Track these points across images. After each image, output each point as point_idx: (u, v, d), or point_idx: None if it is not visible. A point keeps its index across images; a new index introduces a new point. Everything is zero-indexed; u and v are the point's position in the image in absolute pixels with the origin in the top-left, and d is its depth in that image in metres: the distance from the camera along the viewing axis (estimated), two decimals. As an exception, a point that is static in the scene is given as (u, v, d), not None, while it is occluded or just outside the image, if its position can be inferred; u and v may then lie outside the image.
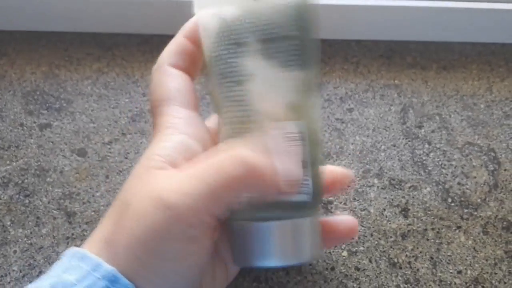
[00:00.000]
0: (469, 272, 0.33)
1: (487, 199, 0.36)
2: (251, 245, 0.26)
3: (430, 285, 0.32)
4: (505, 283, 0.32)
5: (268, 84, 0.25)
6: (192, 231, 0.23)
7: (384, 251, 0.33)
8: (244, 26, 0.26)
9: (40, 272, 0.33)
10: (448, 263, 0.33)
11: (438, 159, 0.37)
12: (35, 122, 0.39)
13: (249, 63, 0.26)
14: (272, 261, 0.26)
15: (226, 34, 0.26)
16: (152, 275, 0.23)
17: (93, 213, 0.35)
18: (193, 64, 0.29)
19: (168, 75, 0.27)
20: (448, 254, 0.33)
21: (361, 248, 0.34)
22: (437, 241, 0.34)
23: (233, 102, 0.26)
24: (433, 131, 0.39)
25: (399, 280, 0.32)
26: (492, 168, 0.37)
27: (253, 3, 0.26)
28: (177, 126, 0.25)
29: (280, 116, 0.25)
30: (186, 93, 0.27)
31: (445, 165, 0.37)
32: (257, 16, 0.26)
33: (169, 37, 0.43)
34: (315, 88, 0.27)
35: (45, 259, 0.33)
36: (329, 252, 0.33)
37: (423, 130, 0.39)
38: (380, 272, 0.33)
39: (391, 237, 0.34)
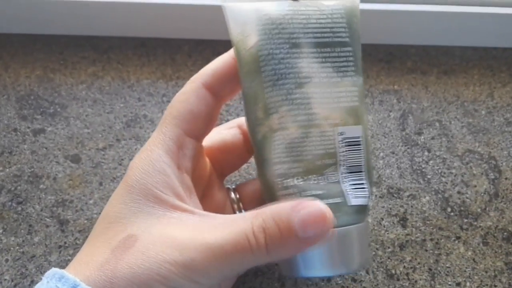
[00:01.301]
0: (468, 284, 0.32)
1: (487, 208, 0.35)
2: (306, 255, 0.26)
3: (428, 297, 0.32)
4: (504, 295, 0.32)
5: (327, 88, 0.26)
6: (193, 286, 0.23)
7: (381, 262, 0.33)
8: (294, 26, 0.26)
9: (32, 282, 0.32)
10: (447, 274, 0.32)
11: (438, 167, 0.37)
12: (29, 127, 0.38)
13: (305, 65, 0.26)
14: (322, 271, 0.26)
15: (275, 32, 0.26)
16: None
17: (86, 221, 0.34)
18: (231, 90, 0.28)
19: (195, 96, 0.27)
20: (447, 265, 0.33)
21: (358, 258, 0.33)
22: (435, 252, 0.33)
23: (294, 105, 0.25)
24: (433, 138, 0.38)
25: (397, 291, 0.32)
26: (492, 177, 0.36)
27: (292, 2, 0.26)
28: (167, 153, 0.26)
29: (339, 121, 0.26)
30: (199, 120, 0.27)
31: (444, 173, 0.36)
32: (305, 17, 0.26)
33: (165, 40, 0.43)
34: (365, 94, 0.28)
35: (37, 268, 0.33)
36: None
37: (422, 137, 0.38)
38: (377, 284, 0.32)
39: (388, 247, 0.33)
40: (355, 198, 0.26)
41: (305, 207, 0.23)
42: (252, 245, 0.23)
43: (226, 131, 0.31)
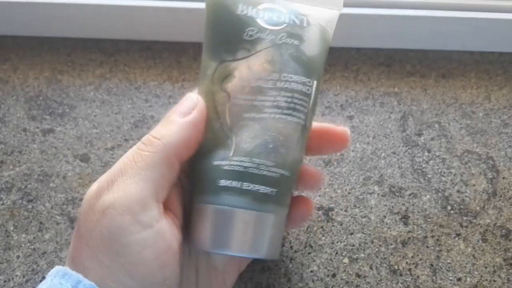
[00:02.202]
0: (468, 279, 0.33)
1: (486, 207, 0.36)
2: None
3: (430, 292, 0.33)
4: (503, 290, 0.33)
5: None
6: (141, 219, 0.23)
7: (384, 258, 0.34)
8: None
9: (43, 278, 0.33)
10: (447, 270, 0.33)
11: (438, 167, 0.38)
12: (38, 127, 0.39)
13: None
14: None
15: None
16: (120, 276, 0.23)
17: (96, 218, 0.35)
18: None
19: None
20: (448, 261, 0.34)
21: (362, 255, 0.34)
22: (437, 248, 0.34)
23: None
24: (432, 139, 0.39)
25: (400, 287, 0.33)
26: (490, 176, 0.37)
27: None
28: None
29: None
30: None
31: (444, 172, 0.38)
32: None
33: (171, 43, 0.44)
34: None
35: (48, 264, 0.33)
36: (330, 259, 0.34)
37: (422, 138, 0.39)
38: (381, 279, 0.33)
39: (391, 244, 0.34)
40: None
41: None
42: (139, 145, 0.26)
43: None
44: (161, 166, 0.24)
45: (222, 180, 0.26)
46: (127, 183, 0.24)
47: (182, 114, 0.26)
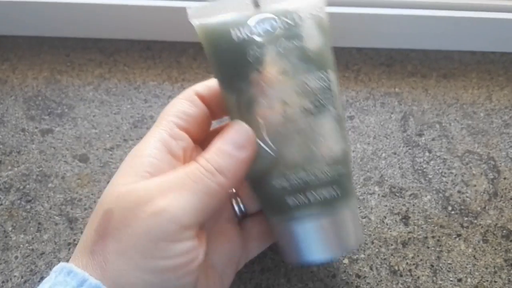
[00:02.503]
0: (469, 280, 0.33)
1: (486, 207, 0.36)
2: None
3: (430, 293, 0.32)
4: (505, 291, 0.32)
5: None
6: (181, 230, 0.24)
7: (384, 259, 0.34)
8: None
9: (42, 278, 0.33)
10: (448, 271, 0.33)
11: (438, 167, 0.38)
12: (36, 128, 0.39)
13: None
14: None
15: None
16: (145, 275, 0.23)
17: (94, 219, 0.35)
18: (221, 105, 0.29)
19: (187, 99, 0.29)
20: (448, 262, 0.34)
21: (362, 255, 0.34)
22: (437, 249, 0.34)
23: None
24: (433, 139, 0.39)
25: (400, 287, 0.33)
26: (491, 177, 0.37)
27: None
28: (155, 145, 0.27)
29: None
30: (192, 119, 0.28)
31: (445, 173, 0.37)
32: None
33: (171, 43, 0.43)
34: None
35: (47, 265, 0.33)
36: (330, 260, 0.34)
37: (423, 138, 0.39)
38: (381, 280, 0.33)
39: (391, 244, 0.34)
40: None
41: (222, 131, 0.27)
42: (201, 171, 0.25)
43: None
44: (216, 198, 0.26)
45: (287, 198, 0.27)
46: (184, 198, 0.24)
47: (238, 147, 0.26)
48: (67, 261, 0.33)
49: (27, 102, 0.40)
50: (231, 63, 0.27)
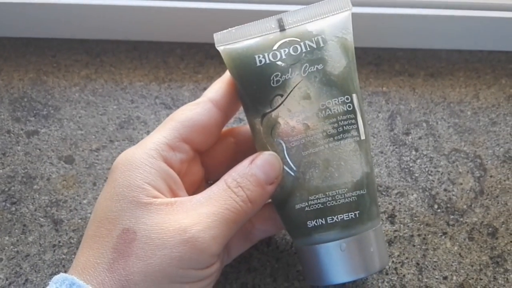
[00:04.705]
0: (454, 278, 0.33)
1: (473, 205, 0.36)
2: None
3: (416, 291, 0.32)
4: (490, 289, 0.33)
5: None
6: (210, 259, 0.25)
7: (371, 258, 0.34)
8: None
9: (27, 280, 0.32)
10: (434, 269, 0.33)
11: (425, 166, 0.38)
12: (22, 129, 0.39)
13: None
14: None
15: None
16: None
17: (80, 220, 0.35)
18: (234, 103, 0.29)
19: (199, 107, 0.28)
20: (434, 260, 0.34)
21: (348, 254, 0.34)
22: (423, 247, 0.34)
23: None
24: (420, 138, 0.39)
25: (386, 286, 0.33)
26: (478, 175, 0.37)
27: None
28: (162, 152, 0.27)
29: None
30: (199, 129, 0.28)
31: (431, 171, 0.37)
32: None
33: (158, 43, 0.43)
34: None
35: (32, 267, 0.33)
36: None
37: (410, 137, 0.39)
38: (367, 278, 0.33)
39: (378, 243, 0.34)
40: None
41: (258, 158, 0.27)
42: (235, 198, 0.25)
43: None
44: (241, 223, 0.26)
45: (308, 222, 0.27)
46: (216, 226, 0.25)
47: (271, 181, 0.27)
48: (52, 262, 0.33)
49: (12, 104, 0.40)
50: (255, 87, 0.28)
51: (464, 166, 0.38)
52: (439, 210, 0.36)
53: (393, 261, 0.33)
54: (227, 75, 0.29)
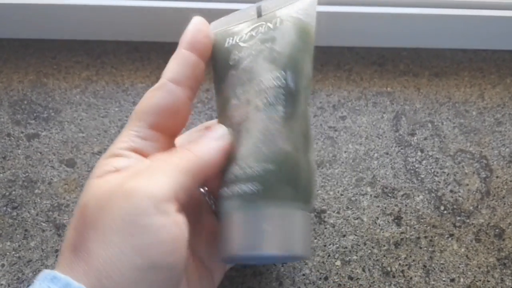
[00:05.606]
0: (462, 280, 0.33)
1: (479, 206, 0.35)
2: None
3: (424, 294, 0.32)
4: (498, 291, 0.32)
5: None
6: (160, 205, 0.24)
7: (377, 260, 0.33)
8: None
9: (29, 286, 0.32)
10: (441, 271, 0.33)
11: (431, 167, 0.37)
12: (22, 132, 0.38)
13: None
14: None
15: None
16: (130, 255, 0.23)
17: (82, 225, 0.34)
18: (195, 76, 0.28)
19: (162, 91, 0.27)
20: (441, 262, 0.33)
21: (355, 257, 0.33)
22: (430, 249, 0.34)
23: None
24: (425, 139, 0.39)
25: (393, 289, 0.32)
26: (484, 175, 0.37)
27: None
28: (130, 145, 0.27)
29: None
30: (166, 114, 0.27)
31: (437, 172, 0.37)
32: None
33: (159, 44, 0.43)
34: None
35: (34, 273, 0.32)
36: (322, 262, 0.33)
37: (415, 138, 0.39)
38: (374, 281, 0.32)
39: (384, 245, 0.34)
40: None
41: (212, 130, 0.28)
42: (181, 150, 0.26)
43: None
44: (186, 174, 0.25)
45: (221, 190, 0.27)
46: (154, 176, 0.24)
47: (214, 138, 0.27)
48: (55, 268, 0.32)
49: (12, 106, 0.40)
50: (219, 67, 0.29)
51: (470, 167, 0.37)
52: (445, 212, 0.35)
53: (400, 264, 0.33)
54: (179, 51, 0.29)
